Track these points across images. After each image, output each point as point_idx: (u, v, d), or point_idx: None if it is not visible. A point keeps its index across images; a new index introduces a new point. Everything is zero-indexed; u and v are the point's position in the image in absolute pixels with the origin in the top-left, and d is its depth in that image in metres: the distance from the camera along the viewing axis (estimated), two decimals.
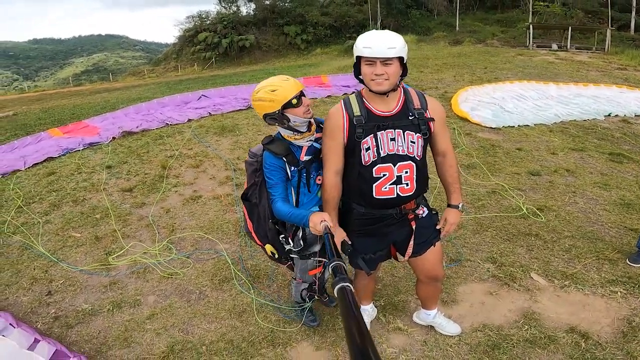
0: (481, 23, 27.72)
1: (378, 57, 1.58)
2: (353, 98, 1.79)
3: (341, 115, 1.77)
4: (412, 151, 1.74)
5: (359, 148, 1.74)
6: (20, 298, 3.00)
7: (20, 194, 4.80)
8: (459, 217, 1.97)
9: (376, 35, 1.61)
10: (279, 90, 1.77)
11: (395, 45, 1.58)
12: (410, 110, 1.74)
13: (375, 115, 1.74)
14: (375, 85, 1.64)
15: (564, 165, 4.93)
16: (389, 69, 1.60)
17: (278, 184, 1.89)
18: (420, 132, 1.74)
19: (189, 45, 35.26)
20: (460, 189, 1.96)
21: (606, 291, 2.61)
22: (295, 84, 1.81)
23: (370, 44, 1.59)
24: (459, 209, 1.96)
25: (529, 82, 9.27)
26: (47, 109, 12.01)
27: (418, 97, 1.79)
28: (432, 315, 2.29)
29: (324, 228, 1.61)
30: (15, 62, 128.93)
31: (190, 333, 2.53)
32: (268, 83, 1.82)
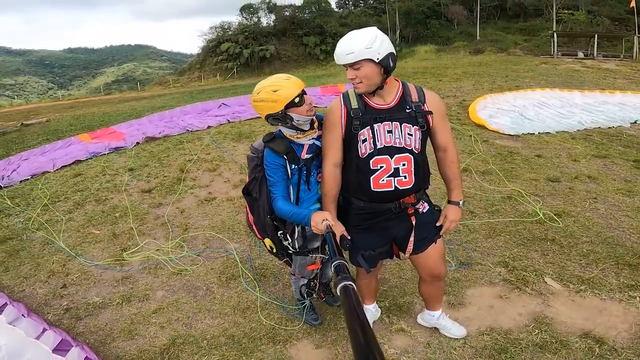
0: (503, 32, 27.31)
1: (342, 64, 1.64)
2: (352, 92, 1.81)
3: (339, 108, 1.79)
4: (410, 143, 1.73)
5: (355, 140, 1.76)
6: (36, 290, 3.13)
7: (47, 193, 5.04)
8: (459, 214, 1.93)
9: (341, 42, 1.65)
10: (281, 90, 1.77)
11: (353, 49, 1.58)
12: (408, 103, 1.75)
13: (372, 108, 1.75)
14: (355, 88, 1.72)
15: (585, 172, 4.75)
16: (359, 72, 1.63)
17: (279, 182, 1.90)
18: (417, 124, 1.74)
19: (211, 56, 36.30)
20: (461, 185, 1.94)
21: (624, 296, 2.48)
22: (296, 83, 1.81)
23: (335, 52, 1.66)
24: (460, 206, 1.92)
25: (552, 90, 9.04)
26: (79, 116, 12.63)
27: (417, 91, 1.79)
28: (436, 316, 2.23)
29: (326, 227, 1.62)
30: (51, 71, 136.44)
31: (194, 327, 2.57)
32: (269, 83, 1.81)
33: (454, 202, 1.92)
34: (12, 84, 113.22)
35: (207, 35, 38.42)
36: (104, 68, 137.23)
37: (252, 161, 2.07)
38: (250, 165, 2.08)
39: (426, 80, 11.02)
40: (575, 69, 12.81)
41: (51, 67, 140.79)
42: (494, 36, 26.07)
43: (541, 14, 28.89)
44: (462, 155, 5.39)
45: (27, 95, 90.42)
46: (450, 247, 3.22)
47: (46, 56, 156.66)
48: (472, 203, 3.99)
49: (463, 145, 5.77)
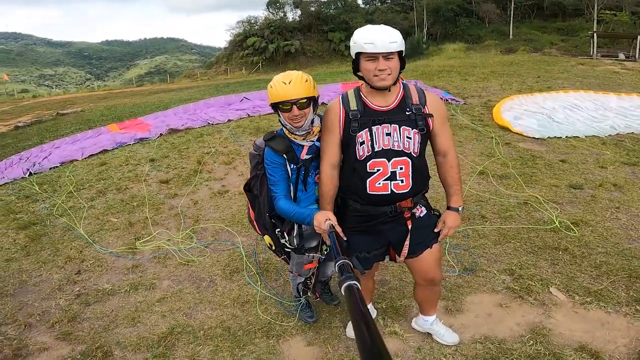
0: (539, 31, 26.08)
1: (381, 52, 1.57)
2: (351, 93, 1.79)
3: (338, 109, 1.78)
4: (408, 147, 1.71)
5: (353, 142, 1.74)
6: (52, 275, 3.30)
7: (73, 181, 5.31)
8: (458, 221, 1.89)
9: (377, 30, 1.61)
10: (274, 89, 1.78)
11: (397, 39, 1.59)
12: (408, 106, 1.72)
13: (371, 110, 1.73)
14: (379, 81, 1.63)
15: (611, 179, 4.50)
16: (391, 63, 1.60)
17: (280, 181, 1.91)
18: (417, 127, 1.71)
19: (238, 50, 36.84)
20: (461, 191, 1.89)
21: (631, 310, 2.37)
22: (291, 91, 1.75)
23: (372, 39, 1.58)
24: (459, 212, 1.88)
25: (586, 92, 8.58)
26: (110, 106, 13.18)
27: (417, 93, 1.76)
28: (429, 321, 2.20)
29: (329, 226, 1.62)
30: (89, 63, 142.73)
31: (193, 317, 2.65)
32: (276, 77, 1.83)
33: (453, 208, 1.88)
34: (52, 74, 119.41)
35: (234, 29, 39.07)
36: (138, 60, 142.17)
37: (253, 158, 2.10)
38: (252, 162, 2.12)
39: (451, 79, 10.73)
40: (614, 71, 12.09)
41: (89, 59, 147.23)
42: (529, 35, 24.96)
43: (581, 14, 27.43)
44: (481, 157, 5.24)
45: (66, 85, 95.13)
46: (456, 252, 3.16)
47: (85, 48, 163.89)
48: (485, 207, 3.88)
49: (483, 148, 5.60)
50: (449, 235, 1.93)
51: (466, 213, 3.78)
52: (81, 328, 2.66)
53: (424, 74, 11.75)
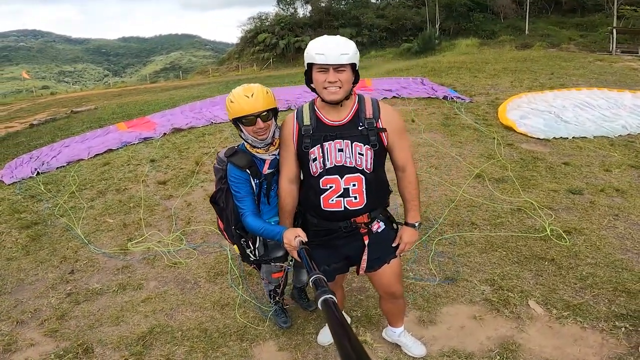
0: (556, 27, 25.20)
1: (331, 64, 1.54)
2: (306, 107, 1.77)
3: (292, 124, 1.76)
4: (360, 163, 1.68)
5: (307, 158, 1.73)
6: (47, 274, 3.43)
7: (77, 181, 5.47)
8: (415, 236, 1.87)
9: (329, 40, 1.58)
10: (234, 105, 1.77)
11: (348, 51, 1.55)
12: (361, 120, 1.68)
13: (324, 125, 1.70)
14: (328, 94, 1.60)
15: (615, 184, 4.34)
16: (342, 75, 1.57)
17: (246, 197, 1.90)
18: (369, 143, 1.67)
19: (249, 46, 36.94)
20: (418, 207, 1.85)
21: (608, 326, 2.30)
22: (254, 105, 1.74)
23: (323, 50, 1.54)
24: (416, 228, 1.85)
25: (599, 90, 8.27)
26: (123, 104, 13.45)
27: (372, 106, 1.71)
28: (397, 333, 2.19)
29: (299, 243, 1.62)
30: (107, 59, 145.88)
31: (173, 318, 2.72)
32: (236, 91, 1.80)
33: (410, 224, 1.85)
34: (72, 71, 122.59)
35: (246, 25, 39.19)
36: (154, 56, 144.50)
37: (217, 172, 2.09)
38: (216, 176, 2.11)
39: (460, 76, 10.50)
40: (633, 67, 11.59)
41: (107, 55, 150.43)
42: (546, 31, 24.09)
43: (601, 9, 26.34)
44: (480, 159, 5.13)
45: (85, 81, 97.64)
46: (440, 259, 3.12)
47: (102, 45, 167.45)
48: (476, 213, 3.81)
49: (483, 149, 5.49)
50: (405, 251, 1.88)
51: (456, 219, 3.72)
52: (68, 326, 2.77)
53: (433, 71, 11.54)
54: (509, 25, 28.07)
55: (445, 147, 5.60)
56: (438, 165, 4.98)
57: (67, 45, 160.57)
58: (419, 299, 2.66)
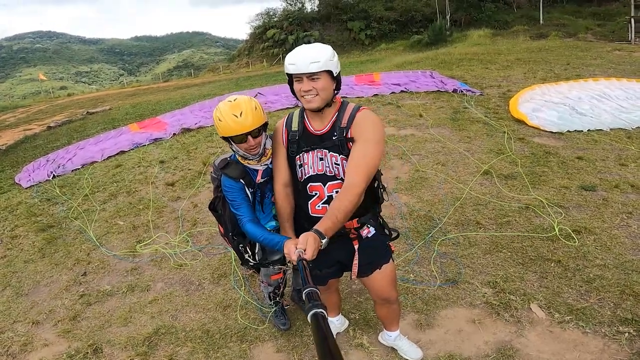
0: (572, 16, 24.24)
1: (302, 73, 1.55)
2: (296, 113, 1.78)
3: (281, 129, 1.79)
4: (338, 172, 1.68)
5: (294, 164, 1.76)
6: (62, 276, 3.57)
7: (90, 184, 5.63)
8: (312, 243, 1.45)
9: (300, 50, 1.58)
10: (223, 124, 1.73)
11: (319, 59, 1.53)
12: (336, 130, 1.67)
13: (309, 133, 1.72)
14: (306, 102, 1.61)
15: (630, 179, 4.18)
16: (316, 84, 1.56)
17: (242, 204, 1.90)
18: (342, 153, 1.66)
19: (258, 42, 36.87)
20: (335, 223, 1.53)
21: (611, 331, 2.23)
22: (243, 124, 1.70)
23: (294, 60, 1.56)
24: (317, 236, 1.48)
25: (618, 80, 7.96)
26: (136, 104, 13.73)
27: (349, 115, 1.68)
28: (393, 337, 2.19)
29: (298, 255, 1.53)
30: (121, 59, 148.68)
31: (178, 319, 2.80)
32: (223, 108, 1.74)
33: (314, 229, 1.51)
34: (88, 71, 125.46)
35: (254, 22, 39.14)
36: (167, 55, 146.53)
37: (214, 181, 2.13)
38: (213, 185, 2.14)
39: (471, 67, 10.26)
40: None
41: (121, 55, 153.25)
42: (561, 20, 23.16)
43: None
44: (489, 155, 5.03)
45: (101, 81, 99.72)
46: (442, 261, 3.09)
47: (116, 44, 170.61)
48: (482, 212, 3.74)
49: (493, 144, 5.37)
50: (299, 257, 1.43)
51: (461, 218, 3.67)
52: (80, 326, 2.88)
53: (443, 63, 11.32)
54: (522, 15, 27.14)
55: (453, 142, 5.51)
56: (445, 162, 4.91)
57: (82, 46, 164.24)
58: (418, 301, 2.64)
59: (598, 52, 11.78)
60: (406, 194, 4.22)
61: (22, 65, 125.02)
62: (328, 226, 1.49)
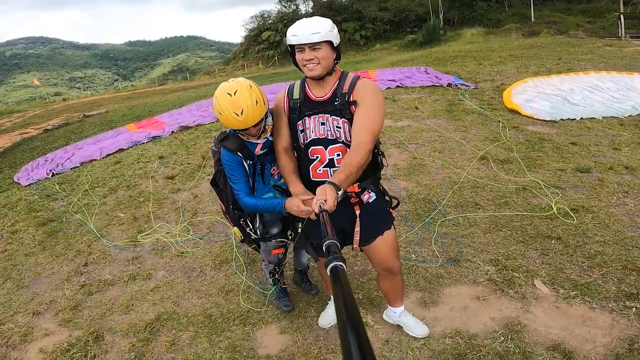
0: (562, 14, 24.65)
1: (305, 43, 1.62)
2: (297, 83, 1.84)
3: (283, 97, 1.86)
4: (340, 136, 1.74)
5: (295, 129, 1.81)
6: (63, 267, 3.56)
7: (90, 180, 5.62)
8: (331, 194, 1.42)
9: (302, 22, 1.65)
10: (223, 118, 1.76)
11: (320, 30, 1.61)
12: (338, 95, 1.73)
13: (310, 100, 1.78)
14: (308, 71, 1.67)
15: (624, 162, 4.24)
16: (318, 53, 1.63)
17: (240, 179, 1.93)
18: (344, 116, 1.72)
19: (254, 45, 37.17)
20: (349, 178, 1.53)
21: (618, 306, 2.24)
22: (244, 122, 1.72)
23: (295, 31, 1.63)
24: (334, 188, 1.45)
25: (608, 73, 8.05)
26: (132, 106, 13.70)
27: (350, 81, 1.75)
28: (397, 313, 2.19)
29: (319, 207, 1.41)
30: (115, 64, 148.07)
31: (180, 305, 2.79)
32: (222, 101, 1.72)
33: (329, 182, 1.49)
34: (82, 77, 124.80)
35: (249, 24, 39.38)
36: (161, 59, 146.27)
37: (214, 154, 2.14)
38: (214, 158, 2.16)
39: (465, 64, 10.34)
40: None
41: (115, 60, 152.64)
42: (552, 18, 23.57)
43: None
44: (485, 142, 5.07)
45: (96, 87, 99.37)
46: (443, 241, 3.11)
47: (110, 49, 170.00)
48: (480, 194, 3.78)
49: (488, 132, 5.42)
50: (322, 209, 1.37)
51: (459, 200, 3.70)
52: (81, 316, 2.87)
53: (438, 60, 11.40)
54: (514, 13, 27.51)
55: (449, 131, 5.55)
56: (442, 150, 4.95)
57: (75, 51, 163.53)
58: (422, 280, 2.66)
59: (589, 48, 11.92)
60: (405, 180, 4.25)
61: (16, 71, 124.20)
62: (342, 179, 1.49)
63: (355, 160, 1.56)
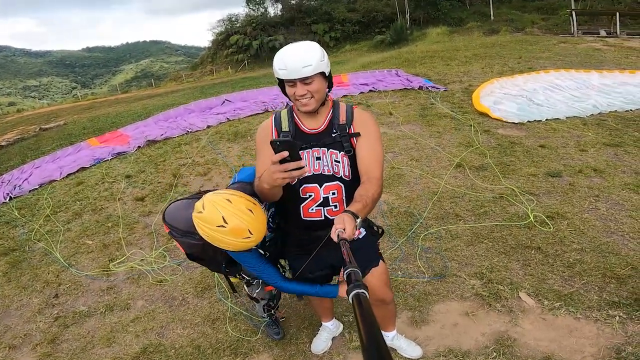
0: (519, 11, 25.94)
1: (294, 79, 1.49)
2: (284, 113, 1.72)
3: (270, 129, 1.71)
4: (338, 171, 1.64)
5: None
6: (32, 299, 3.32)
7: (50, 204, 5.25)
8: (349, 222, 1.32)
9: (289, 54, 1.50)
10: (233, 247, 1.60)
11: (311, 62, 1.47)
12: (335, 127, 1.64)
13: (302, 133, 1.66)
14: (302, 106, 1.57)
15: (592, 164, 4.44)
16: (311, 87, 1.51)
17: (267, 267, 1.80)
18: (343, 149, 1.63)
19: (222, 49, 36.53)
20: (366, 209, 1.46)
21: (602, 315, 2.31)
22: (253, 244, 1.59)
23: (284, 64, 1.48)
24: (352, 217, 1.35)
25: (567, 71, 8.50)
26: (93, 117, 13.00)
27: (346, 111, 1.68)
28: (390, 337, 2.17)
29: (337, 235, 1.35)
30: (73, 71, 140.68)
31: (165, 337, 2.66)
32: (225, 240, 1.53)
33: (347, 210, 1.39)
34: (37, 85, 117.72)
35: (216, 28, 38.62)
36: (123, 65, 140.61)
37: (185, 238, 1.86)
38: (179, 243, 1.93)
39: (434, 64, 10.60)
40: (596, 48, 11.97)
41: (72, 67, 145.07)
42: (509, 15, 24.79)
43: None
44: (459, 148, 5.18)
45: (52, 95, 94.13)
46: (427, 255, 3.12)
47: (66, 56, 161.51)
48: (459, 205, 3.84)
49: (461, 137, 5.55)
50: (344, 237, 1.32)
51: (440, 212, 3.74)
52: (61, 349, 2.71)
53: (407, 61, 11.62)
54: (475, 11, 28.70)
55: (424, 138, 5.63)
56: (419, 158, 5.00)
57: (28, 59, 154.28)
58: (410, 298, 2.65)
59: (545, 45, 12.54)
60: (385, 192, 4.25)
61: None
62: (359, 208, 1.39)
63: (370, 192, 1.49)
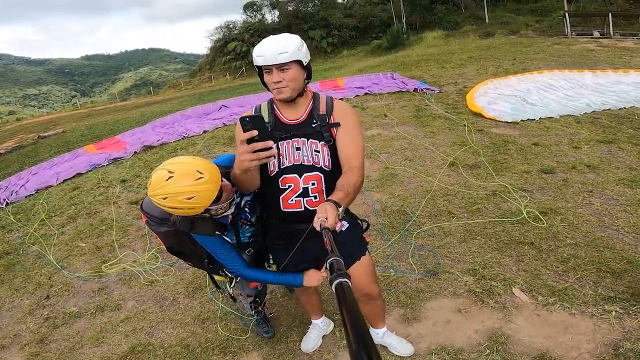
0: (513, 14, 26.19)
1: (271, 65, 1.49)
2: (265, 105, 1.72)
3: None
4: (318, 161, 1.63)
5: None
6: (23, 301, 3.32)
7: (46, 208, 5.24)
8: (332, 211, 1.29)
9: (268, 42, 1.52)
10: (196, 198, 1.46)
11: (287, 49, 1.48)
12: (315, 117, 1.64)
13: (282, 123, 1.66)
14: (278, 93, 1.56)
15: (585, 160, 4.43)
16: (286, 74, 1.51)
17: (230, 254, 1.77)
18: (323, 139, 1.62)
19: (220, 56, 36.64)
20: (348, 198, 1.43)
21: (598, 310, 2.27)
22: (212, 189, 1.48)
23: (261, 51, 1.50)
24: (334, 207, 1.33)
25: (560, 71, 8.53)
26: (92, 125, 13.05)
27: (326, 102, 1.68)
28: (380, 334, 2.14)
29: (320, 224, 1.31)
30: (72, 79, 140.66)
31: (154, 336, 2.64)
32: (179, 189, 1.42)
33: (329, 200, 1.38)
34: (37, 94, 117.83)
35: (214, 35, 38.81)
36: (122, 73, 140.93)
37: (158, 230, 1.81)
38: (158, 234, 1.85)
39: (429, 67, 10.65)
40: (590, 49, 12.06)
41: (71, 75, 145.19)
42: (504, 18, 25.05)
43: None
44: (453, 147, 5.18)
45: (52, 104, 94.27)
46: (420, 253, 3.10)
47: (65, 64, 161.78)
48: (452, 202, 3.82)
49: (455, 137, 5.55)
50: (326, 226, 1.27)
51: (433, 210, 3.73)
52: (49, 349, 2.71)
53: (403, 65, 11.68)
54: (470, 15, 28.92)
55: (418, 138, 5.63)
56: (412, 158, 5.00)
57: (27, 67, 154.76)
58: (402, 295, 2.63)
59: (540, 47, 12.61)
60: (378, 192, 4.25)
61: None
62: (340, 197, 1.37)
63: (352, 181, 1.48)
